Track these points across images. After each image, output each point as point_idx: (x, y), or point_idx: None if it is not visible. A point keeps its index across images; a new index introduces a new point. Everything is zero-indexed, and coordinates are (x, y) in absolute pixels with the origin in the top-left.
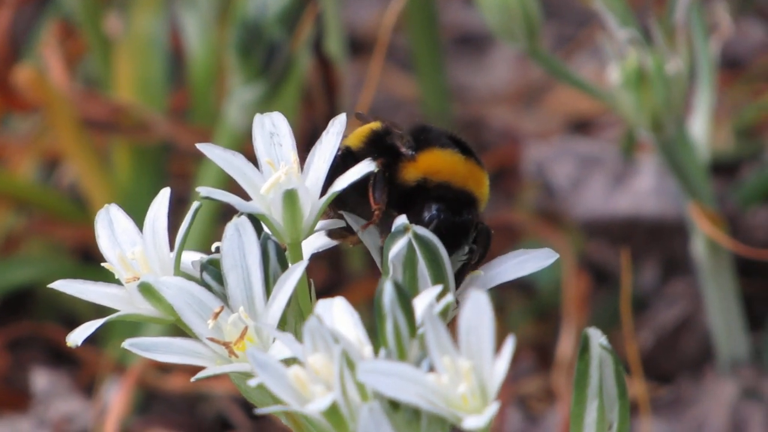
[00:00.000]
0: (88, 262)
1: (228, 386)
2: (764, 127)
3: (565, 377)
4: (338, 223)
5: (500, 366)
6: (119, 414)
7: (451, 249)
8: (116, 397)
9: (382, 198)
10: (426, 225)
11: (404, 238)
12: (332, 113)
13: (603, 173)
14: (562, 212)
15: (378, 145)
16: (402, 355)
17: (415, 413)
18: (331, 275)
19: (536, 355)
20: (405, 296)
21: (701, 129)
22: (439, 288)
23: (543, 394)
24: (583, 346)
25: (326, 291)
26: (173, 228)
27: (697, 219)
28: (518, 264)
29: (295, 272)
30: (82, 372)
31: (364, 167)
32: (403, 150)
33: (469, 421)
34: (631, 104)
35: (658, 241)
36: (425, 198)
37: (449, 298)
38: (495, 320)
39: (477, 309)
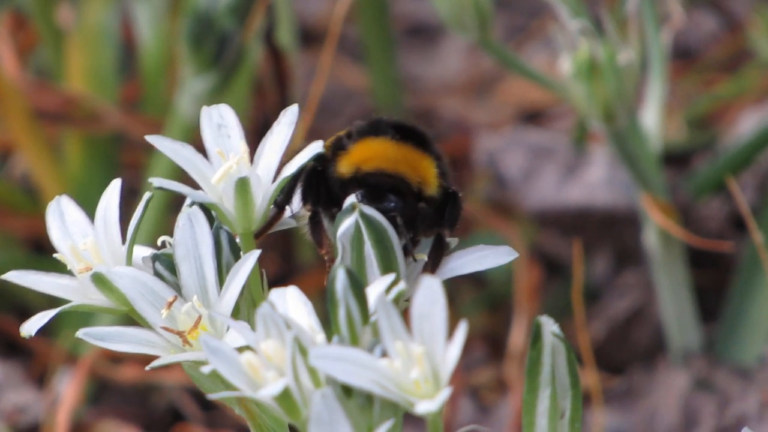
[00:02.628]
0: (41, 253)
1: (180, 377)
2: (716, 117)
3: (517, 368)
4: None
5: (452, 351)
6: (71, 405)
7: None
8: (68, 387)
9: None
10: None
11: (351, 218)
12: (283, 104)
13: (555, 164)
14: (514, 203)
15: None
16: (355, 342)
17: (368, 399)
18: (282, 266)
19: (488, 345)
20: (357, 283)
21: (653, 120)
22: (392, 276)
23: (495, 385)
24: (536, 334)
25: (278, 282)
26: (125, 219)
27: (649, 210)
28: (476, 259)
29: (248, 261)
30: (34, 363)
31: (313, 148)
32: (343, 143)
33: (422, 406)
34: (582, 95)
35: (610, 231)
36: (355, 187)
37: (402, 285)
38: (447, 309)
39: (430, 295)
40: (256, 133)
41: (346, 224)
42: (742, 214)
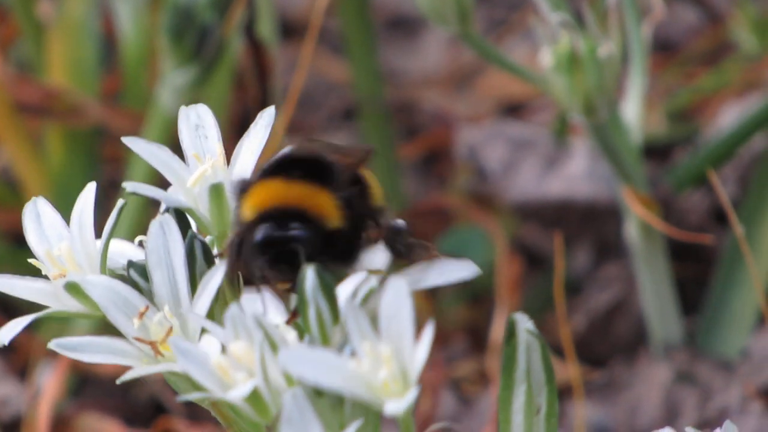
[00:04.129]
0: (22, 246)
1: None
2: (697, 110)
3: (498, 360)
4: None
5: (420, 351)
6: (53, 398)
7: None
8: (50, 380)
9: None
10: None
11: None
12: (264, 97)
13: (535, 157)
14: (495, 196)
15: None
16: (325, 342)
17: (339, 399)
18: None
19: (469, 338)
20: (327, 283)
21: (634, 112)
22: (362, 275)
23: (476, 377)
24: (510, 331)
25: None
26: (105, 213)
27: (630, 202)
28: (439, 273)
29: (220, 269)
30: (16, 356)
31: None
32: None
33: (390, 406)
34: (563, 88)
35: (591, 224)
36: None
37: (371, 284)
38: (427, 303)
39: (397, 296)
40: (236, 125)
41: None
42: (723, 207)
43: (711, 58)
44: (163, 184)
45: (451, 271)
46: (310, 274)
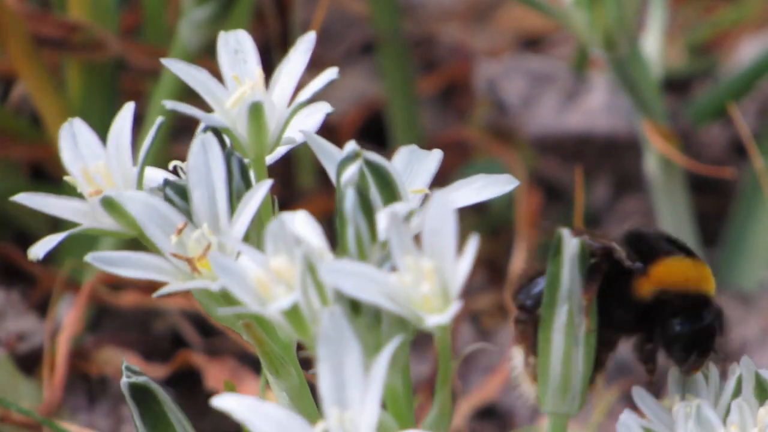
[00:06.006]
0: (41, 180)
1: (181, 302)
2: (716, 43)
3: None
4: None
5: (463, 266)
6: (72, 332)
7: (701, 354)
8: (69, 314)
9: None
10: (675, 338)
11: (355, 165)
12: (284, 31)
13: (555, 90)
14: (514, 129)
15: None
16: (363, 260)
17: (376, 317)
18: (282, 192)
19: (488, 271)
20: (367, 202)
21: (654, 46)
22: (403, 202)
23: (495, 310)
24: (556, 249)
25: (279, 208)
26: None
27: (650, 136)
28: (477, 189)
29: (260, 190)
30: (35, 290)
31: (328, 75)
32: (630, 264)
33: (432, 319)
34: (583, 22)
35: (610, 158)
36: (665, 310)
37: (413, 205)
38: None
39: (441, 211)
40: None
41: (351, 171)
42: (743, 139)
43: None
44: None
45: (490, 186)
46: (350, 193)
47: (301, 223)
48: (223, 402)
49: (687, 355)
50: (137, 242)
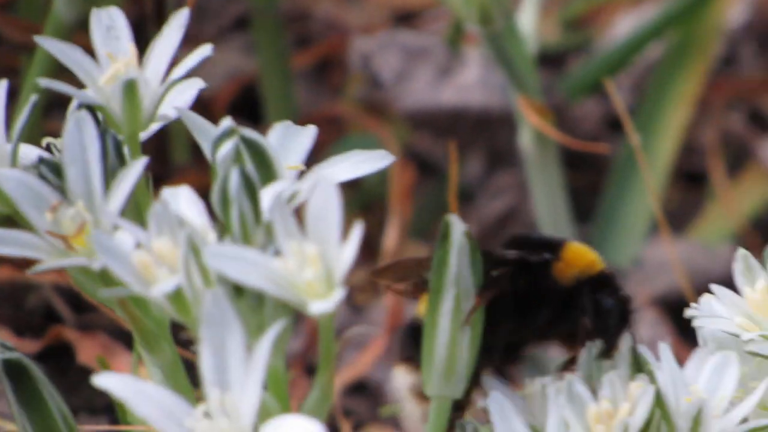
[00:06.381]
0: None
1: (54, 277)
2: (591, 18)
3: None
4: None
5: (347, 252)
6: None
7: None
8: None
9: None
10: (606, 313)
11: (232, 142)
12: (159, 7)
13: (429, 66)
14: (388, 105)
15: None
16: (247, 242)
17: (260, 299)
18: (156, 167)
19: (361, 246)
20: (251, 183)
21: (528, 21)
22: (286, 180)
23: (367, 286)
24: (444, 233)
25: (154, 183)
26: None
27: (524, 111)
28: (353, 165)
29: (136, 167)
30: None
31: (201, 53)
32: (542, 257)
33: (315, 306)
34: None
35: (484, 133)
36: (584, 292)
37: (298, 186)
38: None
39: (325, 196)
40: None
41: (227, 147)
42: (618, 114)
43: None
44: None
45: (365, 162)
46: (235, 175)
47: (184, 202)
48: (103, 380)
49: (614, 330)
50: (12, 220)
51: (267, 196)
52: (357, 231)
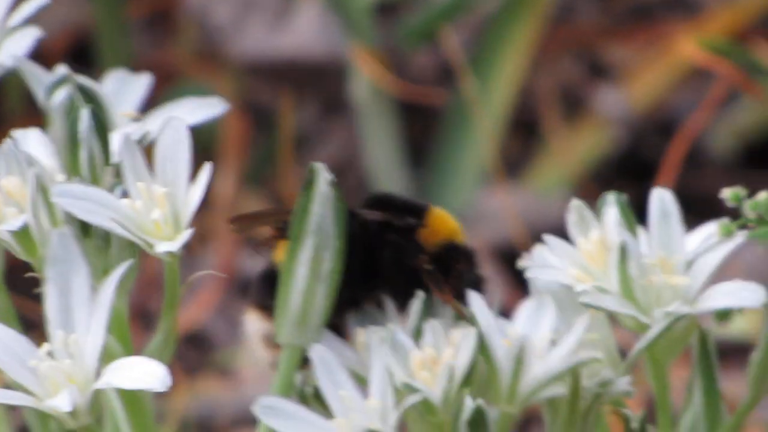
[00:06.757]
0: None
1: None
2: None
3: (222, 217)
4: None
5: (195, 193)
6: None
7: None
8: None
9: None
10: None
11: (67, 89)
12: None
13: (263, 14)
14: (222, 53)
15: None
16: (96, 184)
17: (106, 240)
18: None
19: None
20: (101, 123)
21: None
22: (123, 125)
23: (199, 233)
24: (309, 181)
25: None
26: None
27: (359, 59)
28: (187, 112)
29: None
30: None
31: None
32: (408, 222)
33: (162, 246)
34: None
35: (319, 81)
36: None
37: (147, 128)
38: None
39: (174, 137)
40: None
41: (62, 95)
42: (453, 63)
43: None
44: None
45: (200, 109)
46: (84, 115)
47: (34, 143)
48: None
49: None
50: None
51: (116, 137)
52: (205, 173)
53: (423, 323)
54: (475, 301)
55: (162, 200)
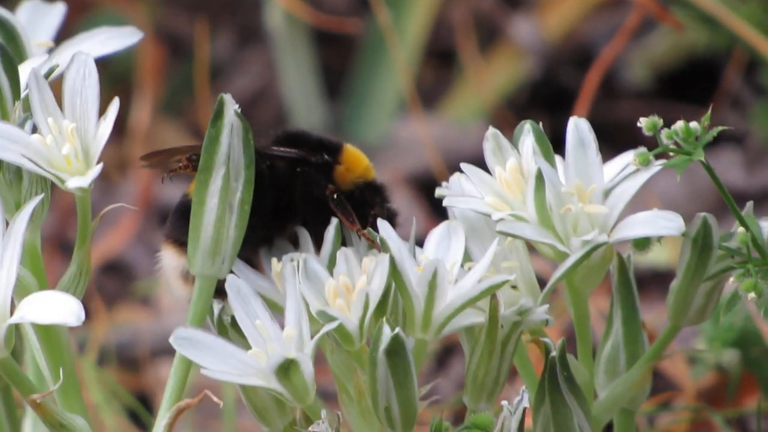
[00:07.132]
0: None
1: None
2: None
3: (139, 146)
4: None
5: (104, 128)
6: None
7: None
8: None
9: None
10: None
11: None
12: None
13: None
14: None
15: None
16: (6, 118)
17: (17, 175)
18: None
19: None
20: (9, 58)
21: None
22: (38, 56)
23: (117, 163)
24: (218, 112)
25: None
26: None
27: None
28: (101, 42)
29: None
30: None
31: None
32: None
33: (73, 182)
34: None
35: (235, 10)
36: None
37: (56, 61)
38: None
39: (82, 71)
40: None
41: None
42: None
43: None
44: None
45: (114, 39)
46: None
47: None
48: None
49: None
50: None
51: (24, 71)
52: (113, 108)
53: (337, 252)
54: (385, 229)
55: (72, 136)
